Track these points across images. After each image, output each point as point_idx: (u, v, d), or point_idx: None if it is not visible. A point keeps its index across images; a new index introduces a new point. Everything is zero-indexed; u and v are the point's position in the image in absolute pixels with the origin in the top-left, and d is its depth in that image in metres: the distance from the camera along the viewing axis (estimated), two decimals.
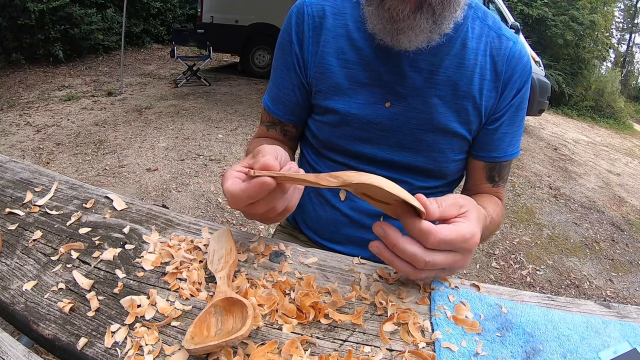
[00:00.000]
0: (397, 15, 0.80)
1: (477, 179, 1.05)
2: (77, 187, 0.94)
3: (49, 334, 0.59)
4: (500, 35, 0.95)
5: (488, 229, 0.88)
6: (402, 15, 0.80)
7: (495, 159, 1.00)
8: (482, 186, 1.05)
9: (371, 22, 0.86)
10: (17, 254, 0.73)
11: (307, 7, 0.96)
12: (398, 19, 0.80)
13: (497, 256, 3.45)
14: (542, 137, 8.13)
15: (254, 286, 0.68)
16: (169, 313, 0.62)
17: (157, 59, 10.00)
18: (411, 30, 0.81)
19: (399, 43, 0.84)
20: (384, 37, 0.85)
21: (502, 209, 1.03)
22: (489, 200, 0.99)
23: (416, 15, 0.80)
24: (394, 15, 0.80)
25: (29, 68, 7.99)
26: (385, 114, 0.93)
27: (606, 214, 4.83)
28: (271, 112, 1.04)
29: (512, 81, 0.94)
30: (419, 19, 0.80)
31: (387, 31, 0.84)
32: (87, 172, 3.99)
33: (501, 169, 1.03)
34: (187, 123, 5.56)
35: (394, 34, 0.83)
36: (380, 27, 0.84)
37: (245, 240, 0.80)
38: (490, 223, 0.88)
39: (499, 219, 0.98)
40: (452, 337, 0.63)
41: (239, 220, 3.41)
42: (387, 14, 0.81)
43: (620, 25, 23.77)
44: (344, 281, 0.73)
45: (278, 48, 1.02)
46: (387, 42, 0.86)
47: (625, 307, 0.73)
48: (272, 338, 0.59)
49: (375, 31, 0.86)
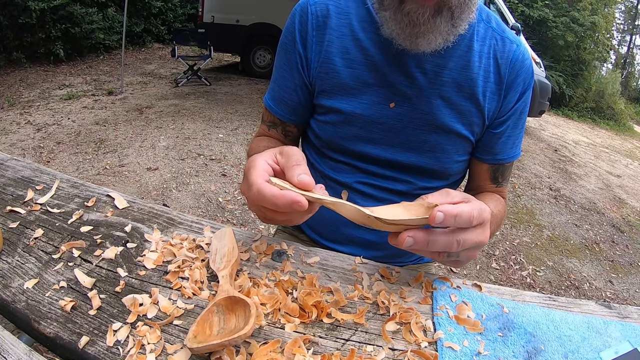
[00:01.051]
0: (417, 20, 0.79)
1: (481, 180, 1.06)
2: (79, 185, 0.94)
3: (51, 332, 0.59)
4: (504, 37, 0.95)
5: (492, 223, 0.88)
6: (422, 20, 0.79)
7: (499, 161, 1.01)
8: (485, 187, 1.06)
9: (388, 27, 0.85)
10: (19, 252, 0.73)
11: (311, 6, 0.95)
12: (418, 23, 0.80)
13: (497, 257, 3.45)
14: (542, 139, 8.13)
15: (256, 285, 0.68)
16: (171, 312, 0.62)
17: (158, 58, 10.00)
18: (431, 33, 0.81)
19: (417, 46, 0.84)
20: (402, 42, 0.85)
21: (504, 206, 1.04)
22: (490, 198, 1.01)
23: (436, 19, 0.80)
24: (413, 20, 0.80)
25: (29, 67, 7.99)
26: (390, 114, 0.93)
27: (606, 216, 4.83)
28: (273, 111, 1.04)
29: (515, 84, 0.95)
30: (438, 22, 0.80)
31: (406, 35, 0.83)
32: (88, 171, 3.99)
33: (504, 170, 1.04)
34: (187, 122, 5.56)
35: (413, 38, 0.83)
36: (399, 32, 0.83)
37: (248, 239, 0.80)
38: (494, 217, 0.88)
39: (501, 215, 0.99)
40: (454, 337, 0.63)
41: (239, 220, 3.42)
42: (407, 19, 0.80)
43: (620, 27, 23.78)
44: (346, 280, 0.73)
45: (280, 47, 1.01)
46: (405, 46, 0.85)
47: (626, 308, 0.74)
48: (275, 337, 0.59)
49: (393, 36, 0.85)
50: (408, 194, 0.99)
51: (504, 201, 1.05)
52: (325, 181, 1.02)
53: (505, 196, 1.08)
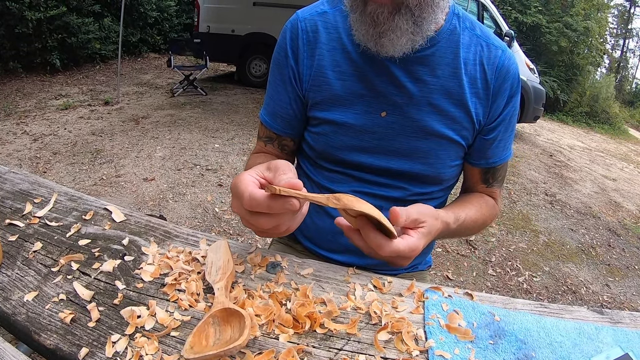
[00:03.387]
0: (377, 19, 0.83)
1: (473, 182, 1.10)
2: (76, 198, 0.96)
3: (51, 344, 0.60)
4: (489, 44, 0.97)
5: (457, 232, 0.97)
6: (382, 18, 0.82)
7: (492, 165, 1.05)
8: (477, 188, 1.10)
9: (356, 29, 0.88)
10: (18, 265, 0.74)
11: (301, 23, 0.98)
12: (379, 22, 0.83)
13: (494, 263, 3.46)
14: (537, 144, 8.16)
15: (251, 297, 0.69)
16: (168, 323, 0.63)
17: (154, 68, 10.00)
18: (392, 32, 0.84)
19: (382, 47, 0.86)
20: (367, 43, 0.87)
21: (492, 207, 1.08)
22: (474, 201, 1.05)
23: (395, 17, 0.82)
24: (374, 19, 0.83)
25: (26, 76, 7.98)
26: (381, 122, 0.95)
27: (602, 219, 4.85)
28: (269, 126, 1.06)
29: (503, 89, 0.97)
30: (398, 20, 0.82)
31: (370, 36, 0.86)
32: (84, 182, 3.99)
33: (495, 172, 1.07)
34: (183, 133, 5.56)
35: (377, 38, 0.85)
36: (364, 32, 0.86)
37: (243, 251, 0.81)
38: (460, 226, 0.95)
39: (482, 218, 1.03)
40: (445, 345, 0.64)
41: (235, 230, 3.42)
42: (369, 19, 0.84)
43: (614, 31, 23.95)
44: (339, 291, 0.74)
45: (274, 63, 1.04)
46: (371, 48, 0.88)
47: (618, 313, 0.75)
48: (269, 347, 0.60)
49: (359, 37, 0.88)
50: (403, 200, 1.01)
51: (493, 202, 1.09)
52: (322, 192, 1.04)
53: (497, 197, 1.11)
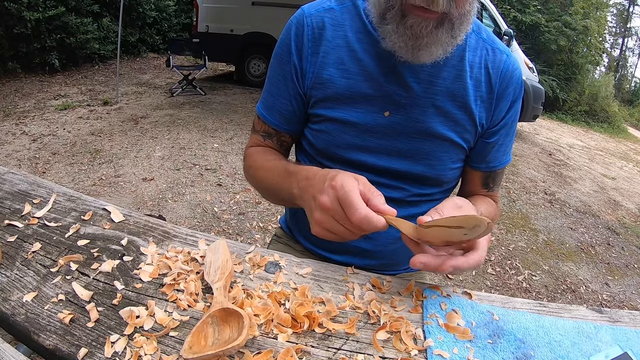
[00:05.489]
0: (420, 32, 0.81)
1: (473, 185, 1.09)
2: (75, 198, 0.96)
3: (50, 344, 0.60)
4: (494, 48, 0.97)
5: None
6: (425, 32, 0.81)
7: (492, 169, 1.05)
8: (477, 192, 1.10)
9: (390, 40, 0.86)
10: (17, 265, 0.74)
11: (307, 18, 0.97)
12: (421, 35, 0.82)
13: (493, 262, 3.47)
14: (536, 143, 8.17)
15: (249, 297, 0.69)
16: (167, 323, 0.63)
17: (153, 68, 10.00)
18: (433, 45, 0.83)
19: (418, 58, 0.86)
20: (404, 54, 0.86)
21: (496, 209, 1.08)
22: (482, 201, 1.05)
23: (438, 31, 0.82)
24: (416, 32, 0.82)
25: (25, 77, 7.97)
26: (384, 122, 0.95)
27: (601, 218, 4.86)
28: (267, 121, 1.05)
29: (506, 94, 0.97)
30: (440, 34, 0.82)
31: (408, 48, 0.84)
32: (83, 182, 3.99)
33: (495, 177, 1.08)
34: (182, 132, 5.56)
35: (415, 51, 0.84)
36: (402, 45, 0.85)
37: (241, 251, 0.81)
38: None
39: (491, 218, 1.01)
40: (443, 345, 0.64)
41: (235, 229, 3.42)
42: (410, 31, 0.82)
43: (613, 30, 23.96)
44: (338, 291, 0.74)
45: (275, 58, 1.02)
46: (407, 58, 0.87)
47: (617, 312, 0.75)
48: (268, 347, 0.60)
49: (395, 49, 0.87)
50: (402, 201, 1.01)
51: (495, 205, 1.10)
52: None
53: (497, 200, 1.12)
